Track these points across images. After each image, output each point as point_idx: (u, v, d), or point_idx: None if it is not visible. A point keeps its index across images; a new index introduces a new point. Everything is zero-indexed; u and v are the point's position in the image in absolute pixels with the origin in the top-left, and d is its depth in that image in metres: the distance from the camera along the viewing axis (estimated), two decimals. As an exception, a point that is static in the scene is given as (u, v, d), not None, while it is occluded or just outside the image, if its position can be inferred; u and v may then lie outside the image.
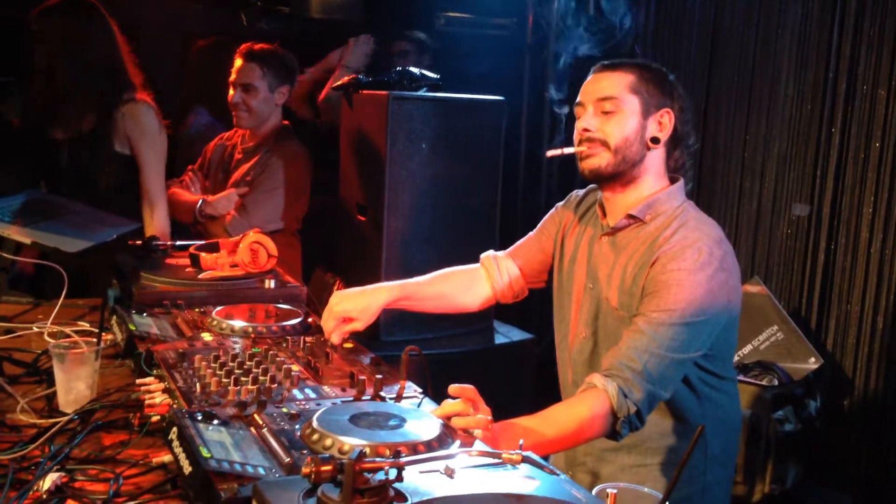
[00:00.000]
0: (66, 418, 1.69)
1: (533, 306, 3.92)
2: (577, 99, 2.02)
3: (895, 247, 3.16)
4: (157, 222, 3.10)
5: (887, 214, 3.19)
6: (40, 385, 1.94)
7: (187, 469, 1.36)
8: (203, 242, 2.74)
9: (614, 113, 1.93)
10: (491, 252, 2.32)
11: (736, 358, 3.39)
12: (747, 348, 3.38)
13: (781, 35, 3.56)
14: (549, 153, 2.08)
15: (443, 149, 3.01)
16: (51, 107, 3.02)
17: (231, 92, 3.43)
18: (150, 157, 3.09)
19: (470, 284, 2.29)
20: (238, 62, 3.44)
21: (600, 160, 1.95)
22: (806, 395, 3.14)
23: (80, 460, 1.55)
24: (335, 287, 3.27)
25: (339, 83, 3.24)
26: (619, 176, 1.96)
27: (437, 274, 2.30)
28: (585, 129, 1.96)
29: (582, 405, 1.77)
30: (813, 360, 3.24)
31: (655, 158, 1.98)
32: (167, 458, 1.49)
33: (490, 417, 1.62)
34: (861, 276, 3.27)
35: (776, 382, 3.13)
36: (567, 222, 2.20)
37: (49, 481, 1.42)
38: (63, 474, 1.46)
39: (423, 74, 3.15)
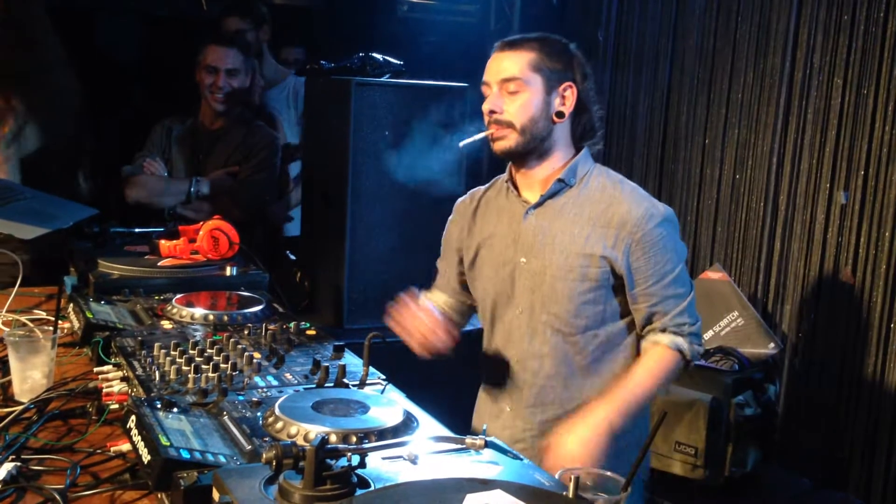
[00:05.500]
0: (21, 407, 1.66)
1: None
2: (483, 78, 2.06)
3: (851, 233, 3.22)
4: None
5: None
6: (-6, 374, 1.90)
7: (146, 458, 1.34)
8: (162, 229, 2.71)
9: (518, 93, 1.99)
10: (432, 299, 2.28)
11: (697, 344, 3.42)
12: (709, 334, 3.42)
13: (741, 23, 3.59)
14: (463, 143, 2.11)
15: (406, 135, 2.99)
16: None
17: (210, 77, 3.43)
18: None
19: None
20: (220, 47, 3.44)
21: (509, 142, 2.01)
22: (765, 379, 3.19)
23: (36, 450, 1.52)
24: (305, 284, 3.27)
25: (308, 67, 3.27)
26: (531, 152, 2.03)
27: None
28: (492, 111, 2.02)
29: (650, 360, 1.99)
30: (772, 345, 3.28)
31: (563, 130, 2.05)
32: (126, 446, 1.47)
33: None
34: (816, 261, 3.32)
35: (736, 367, 3.16)
36: (465, 227, 2.21)
37: (4, 471, 1.39)
38: (19, 464, 1.43)
39: (385, 61, 3.12)
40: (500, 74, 2.01)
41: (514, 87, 1.99)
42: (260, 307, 2.24)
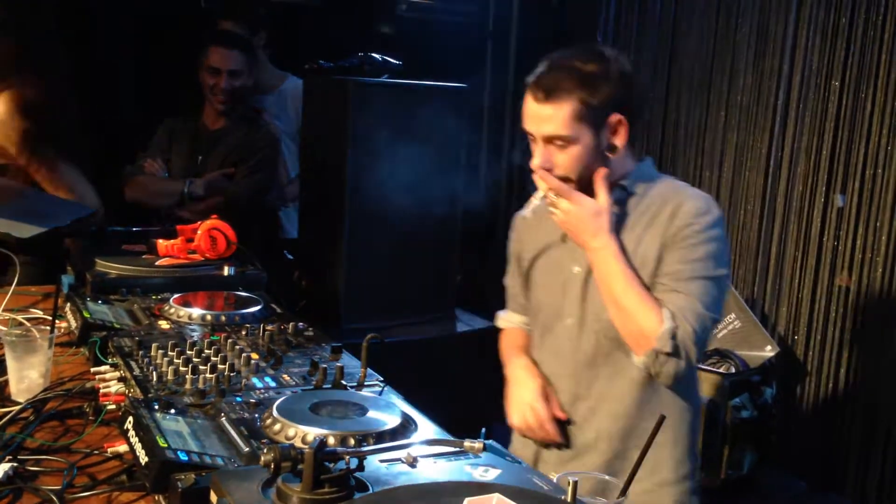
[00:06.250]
0: (18, 407, 1.65)
1: (496, 294, 3.92)
2: (524, 125, 1.96)
3: (847, 236, 3.22)
4: None
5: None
6: (-9, 373, 1.90)
7: (143, 459, 1.33)
8: (160, 228, 2.70)
9: (567, 147, 1.89)
10: (510, 320, 2.29)
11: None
12: (705, 335, 3.42)
13: (741, 25, 3.59)
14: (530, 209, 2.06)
15: (405, 135, 2.99)
16: None
17: (212, 78, 3.42)
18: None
19: None
20: (223, 48, 3.43)
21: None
22: (762, 382, 3.19)
23: (32, 450, 1.51)
24: (303, 284, 3.27)
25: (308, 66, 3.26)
26: (589, 186, 1.93)
27: (522, 344, 2.22)
28: (545, 168, 1.93)
29: (655, 306, 1.83)
30: (769, 347, 3.29)
31: (618, 152, 1.96)
32: (123, 447, 1.47)
33: None
34: (813, 264, 3.33)
35: (733, 370, 3.17)
36: (523, 239, 2.18)
37: (1, 472, 1.39)
38: (16, 465, 1.43)
39: (384, 61, 3.12)
40: (542, 131, 1.90)
41: (560, 143, 1.89)
42: (258, 307, 2.23)
